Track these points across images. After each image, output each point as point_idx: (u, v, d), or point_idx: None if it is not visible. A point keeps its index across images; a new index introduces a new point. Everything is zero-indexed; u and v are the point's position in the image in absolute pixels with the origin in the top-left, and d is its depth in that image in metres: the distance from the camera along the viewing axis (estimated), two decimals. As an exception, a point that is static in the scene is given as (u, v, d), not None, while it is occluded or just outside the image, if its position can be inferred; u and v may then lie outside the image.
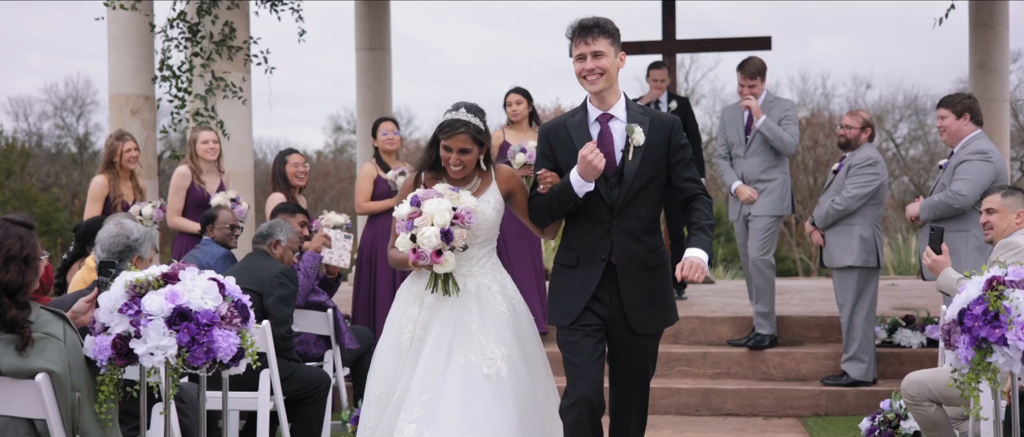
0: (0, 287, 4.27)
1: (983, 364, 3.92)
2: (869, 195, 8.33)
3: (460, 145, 5.16)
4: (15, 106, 46.11)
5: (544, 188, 5.18)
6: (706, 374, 9.11)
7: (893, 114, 32.87)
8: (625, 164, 5.06)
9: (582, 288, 5.12)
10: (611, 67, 5.04)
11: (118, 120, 10.93)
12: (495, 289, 5.27)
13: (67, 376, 4.34)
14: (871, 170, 8.31)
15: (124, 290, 4.40)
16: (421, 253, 4.95)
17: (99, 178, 9.31)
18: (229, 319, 4.41)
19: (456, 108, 5.21)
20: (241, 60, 10.34)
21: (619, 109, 5.14)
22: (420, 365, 5.09)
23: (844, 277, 8.40)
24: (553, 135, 5.25)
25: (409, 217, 5.00)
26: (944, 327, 4.12)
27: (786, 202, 9.00)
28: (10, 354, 4.27)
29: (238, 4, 10.24)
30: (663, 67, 10.99)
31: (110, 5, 10.37)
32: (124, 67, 10.87)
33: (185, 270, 4.46)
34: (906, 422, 6.78)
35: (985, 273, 4.04)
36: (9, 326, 4.26)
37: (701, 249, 5.00)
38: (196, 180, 9.05)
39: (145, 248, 5.74)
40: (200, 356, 4.34)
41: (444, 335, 5.11)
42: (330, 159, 40.11)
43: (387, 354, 5.27)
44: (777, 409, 8.60)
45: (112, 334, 4.35)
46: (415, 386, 5.04)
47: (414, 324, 5.22)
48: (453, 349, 5.08)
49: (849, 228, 8.36)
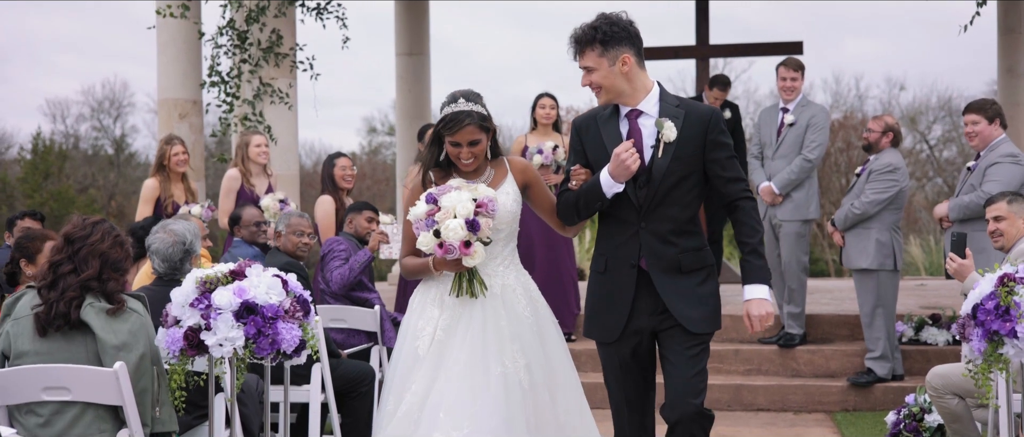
0: (106, 261, 4.92)
1: (995, 355, 4.21)
2: (887, 200, 8.57)
3: (469, 137, 4.86)
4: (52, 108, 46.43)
5: (575, 184, 4.88)
6: (738, 370, 9.39)
7: (927, 116, 33.01)
8: (654, 162, 4.68)
9: (619, 302, 4.80)
10: (607, 79, 4.69)
11: (167, 124, 11.34)
12: (519, 291, 4.95)
13: (148, 348, 4.86)
14: (891, 176, 8.56)
15: (194, 286, 4.75)
16: (449, 246, 4.62)
17: (150, 180, 9.67)
18: (292, 313, 4.75)
19: (453, 99, 4.91)
20: (287, 66, 10.72)
21: (649, 103, 4.75)
22: (458, 373, 4.72)
23: (863, 279, 8.66)
24: (583, 130, 4.92)
25: (428, 215, 4.69)
26: (959, 321, 4.41)
27: (813, 207, 9.24)
28: (102, 317, 4.83)
29: (285, 12, 10.63)
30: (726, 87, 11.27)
31: (161, 13, 10.77)
32: (173, 73, 11.30)
33: (251, 267, 4.81)
34: (930, 415, 7.06)
35: (997, 271, 4.33)
36: (109, 296, 4.89)
37: (762, 284, 4.69)
38: (246, 182, 9.40)
39: (196, 244, 6.12)
40: (265, 347, 4.69)
41: (476, 342, 4.76)
42: (364, 160, 40.50)
43: (402, 363, 4.87)
44: (807, 404, 8.88)
45: (184, 327, 4.71)
46: (449, 398, 4.66)
47: (434, 327, 4.84)
48: (488, 357, 4.74)
49: (866, 231, 8.60)
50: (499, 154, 5.08)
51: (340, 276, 7.96)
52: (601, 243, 4.91)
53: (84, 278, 4.88)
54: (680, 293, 4.72)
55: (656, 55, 13.78)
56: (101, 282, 4.92)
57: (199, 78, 11.33)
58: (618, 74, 4.67)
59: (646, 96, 4.75)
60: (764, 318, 4.65)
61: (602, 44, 4.66)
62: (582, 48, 4.70)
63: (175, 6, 10.60)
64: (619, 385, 4.91)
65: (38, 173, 34.60)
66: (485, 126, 4.88)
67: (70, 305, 4.84)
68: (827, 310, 10.19)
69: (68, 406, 4.79)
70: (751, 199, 4.73)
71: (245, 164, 9.45)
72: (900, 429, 7.20)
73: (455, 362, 4.73)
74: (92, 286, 4.90)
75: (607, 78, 4.68)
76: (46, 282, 4.95)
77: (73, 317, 4.84)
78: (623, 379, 4.89)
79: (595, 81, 4.70)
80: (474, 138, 4.86)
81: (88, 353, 4.86)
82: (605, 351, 4.92)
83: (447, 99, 4.93)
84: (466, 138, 4.84)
